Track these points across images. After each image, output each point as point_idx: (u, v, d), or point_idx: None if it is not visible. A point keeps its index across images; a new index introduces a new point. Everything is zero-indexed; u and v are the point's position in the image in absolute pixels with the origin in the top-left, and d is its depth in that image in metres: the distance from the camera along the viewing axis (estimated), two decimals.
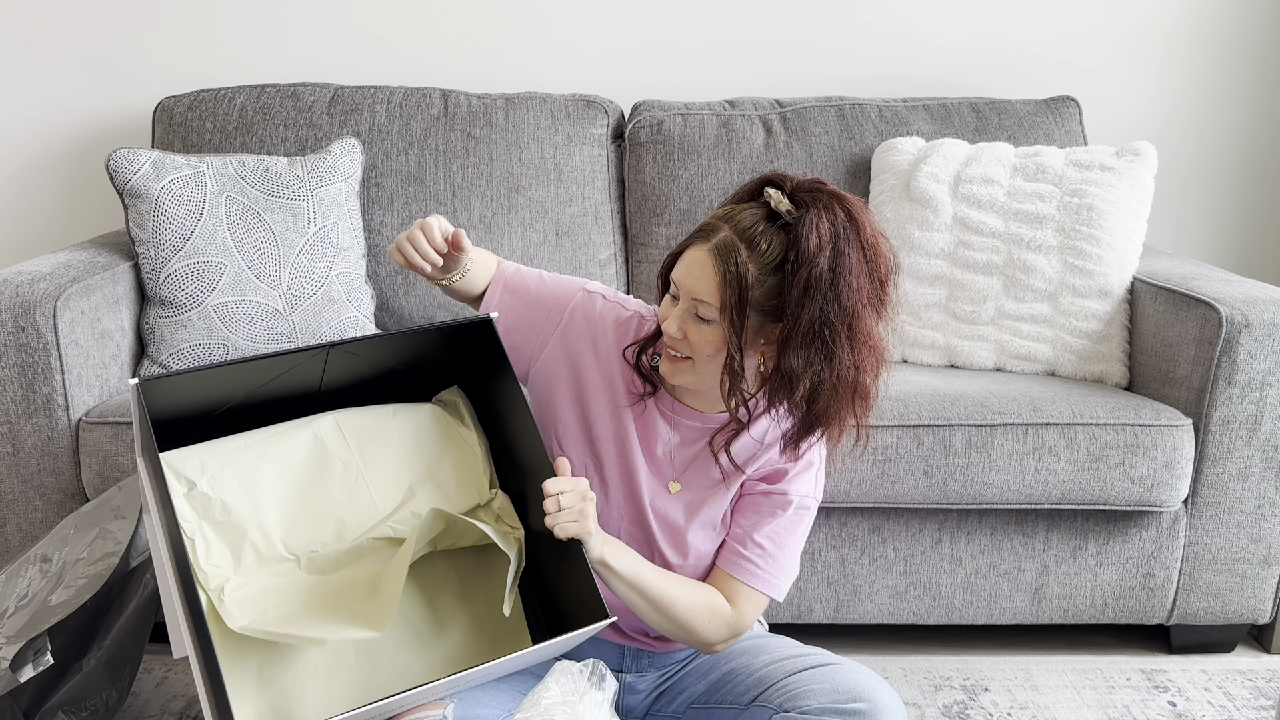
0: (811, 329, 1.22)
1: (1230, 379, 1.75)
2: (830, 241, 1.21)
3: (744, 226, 1.23)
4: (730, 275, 1.21)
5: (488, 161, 2.17)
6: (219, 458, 1.27)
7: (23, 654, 1.44)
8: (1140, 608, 1.86)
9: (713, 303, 1.23)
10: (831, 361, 1.24)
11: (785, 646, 1.40)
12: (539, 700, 1.21)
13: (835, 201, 1.23)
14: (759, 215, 1.24)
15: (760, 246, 1.22)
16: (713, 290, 1.23)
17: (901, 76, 2.44)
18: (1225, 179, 2.55)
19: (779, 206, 1.23)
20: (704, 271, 1.23)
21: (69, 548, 1.61)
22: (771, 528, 1.36)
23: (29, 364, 1.70)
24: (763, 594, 1.36)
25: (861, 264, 1.23)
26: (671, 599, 1.30)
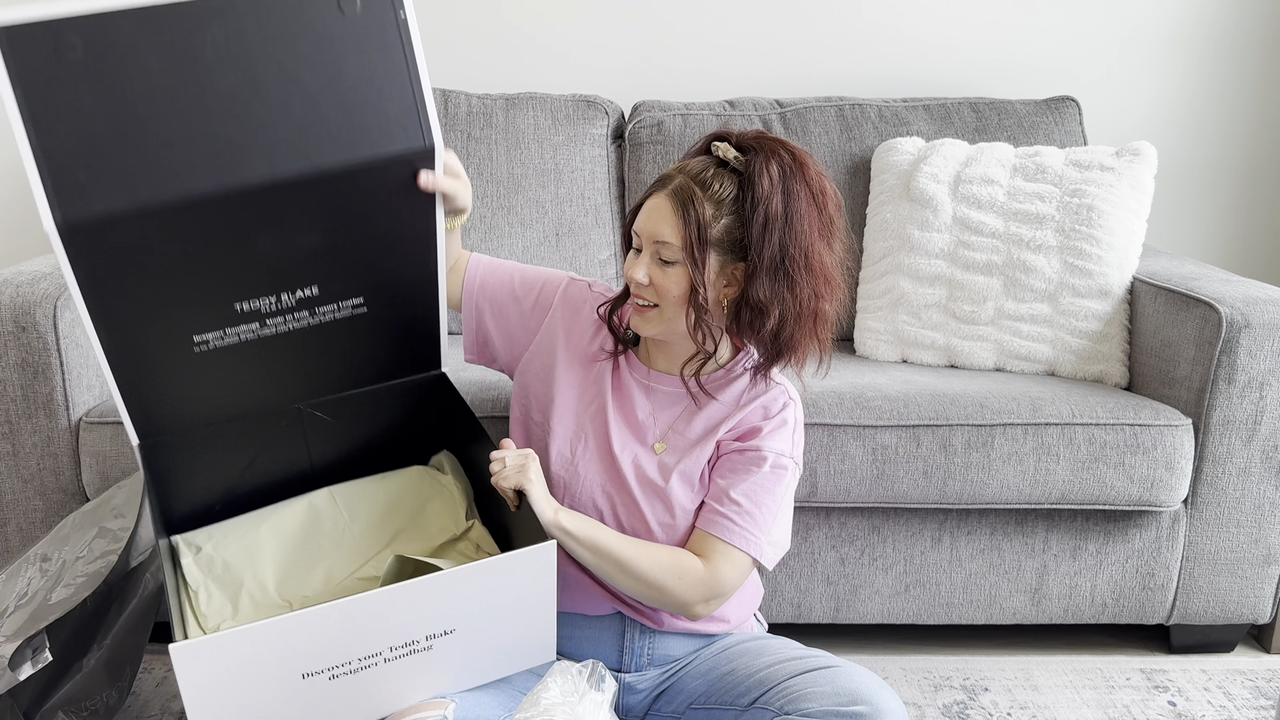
0: (774, 263, 1.30)
1: (1230, 379, 1.75)
2: (780, 180, 1.30)
3: (696, 172, 1.32)
4: (688, 213, 1.29)
5: (488, 162, 2.17)
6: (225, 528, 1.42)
7: (21, 652, 1.44)
8: (1140, 608, 1.86)
9: (674, 242, 1.30)
10: (794, 290, 1.31)
11: (786, 648, 1.40)
12: (538, 700, 1.21)
13: (779, 146, 1.32)
14: (709, 162, 1.33)
15: (714, 187, 1.30)
16: (673, 229, 1.30)
17: (901, 76, 2.44)
18: (1225, 179, 2.55)
19: (726, 156, 1.32)
20: (663, 214, 1.31)
21: (69, 547, 1.62)
22: (747, 485, 1.36)
23: (29, 364, 1.70)
24: (740, 550, 1.35)
25: (809, 199, 1.32)
26: (634, 558, 1.31)
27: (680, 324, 1.35)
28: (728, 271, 1.32)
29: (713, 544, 1.35)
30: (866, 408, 1.75)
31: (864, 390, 1.79)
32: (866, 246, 2.11)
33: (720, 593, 1.35)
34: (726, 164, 1.32)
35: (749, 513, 1.36)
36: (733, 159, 1.31)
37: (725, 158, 1.32)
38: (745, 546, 1.35)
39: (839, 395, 1.77)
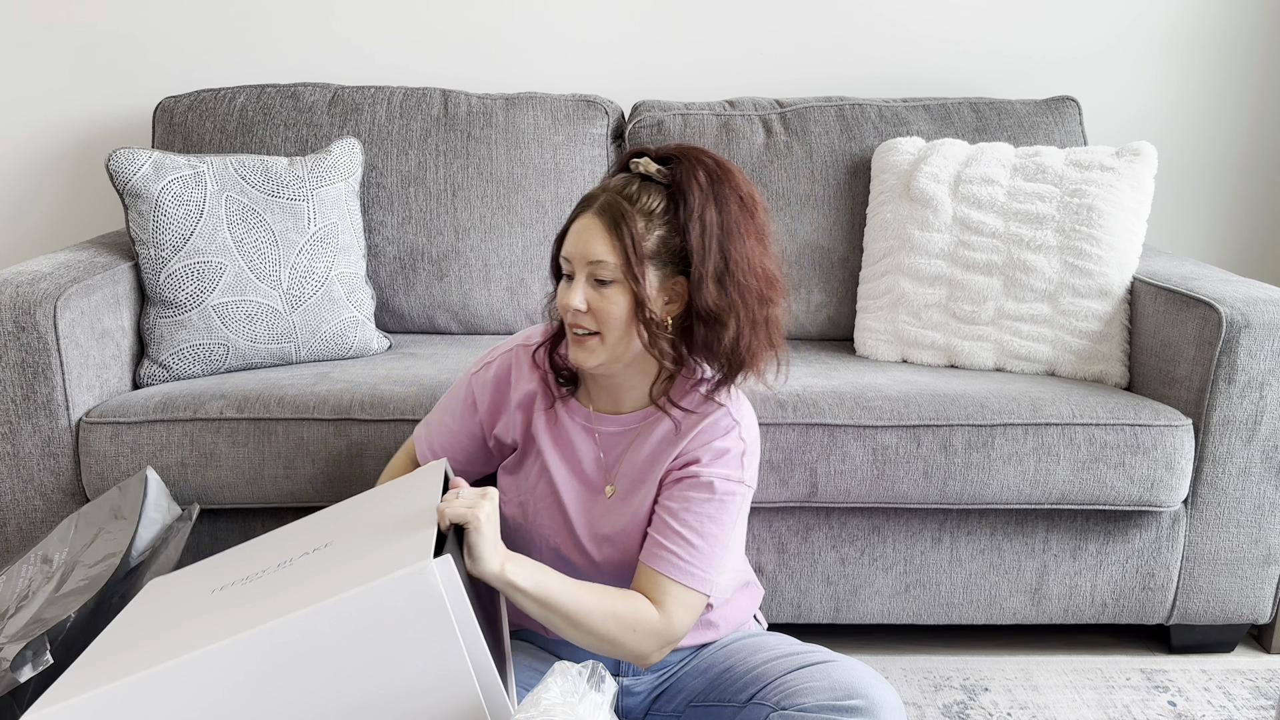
0: (719, 271, 1.27)
1: (1230, 379, 1.75)
2: (709, 187, 1.27)
3: (619, 187, 1.28)
4: (620, 228, 1.25)
5: (488, 161, 2.17)
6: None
7: (22, 655, 1.44)
8: (1140, 608, 1.86)
9: (609, 259, 1.25)
10: (745, 297, 1.28)
11: (782, 644, 1.39)
12: (538, 700, 1.21)
13: (703, 154, 1.29)
14: (632, 178, 1.29)
15: (642, 200, 1.27)
16: (606, 246, 1.25)
17: (901, 76, 2.44)
18: (1225, 179, 2.55)
19: (648, 170, 1.29)
20: (593, 232, 1.26)
21: (69, 548, 1.61)
22: (692, 515, 1.30)
23: (29, 364, 1.70)
24: (690, 589, 1.29)
25: (740, 204, 1.29)
26: (587, 612, 1.22)
27: (625, 349, 1.30)
28: (668, 286, 1.29)
29: (663, 584, 1.29)
30: (866, 408, 1.74)
31: (864, 390, 1.79)
32: (866, 246, 2.11)
33: (675, 639, 1.29)
34: (649, 178, 1.29)
35: (696, 548, 1.29)
36: (655, 172, 1.28)
37: (647, 172, 1.29)
38: (696, 585, 1.29)
39: (839, 395, 1.77)
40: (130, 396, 1.79)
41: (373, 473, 1.72)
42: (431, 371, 1.87)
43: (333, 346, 1.99)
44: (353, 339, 2.00)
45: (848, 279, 2.17)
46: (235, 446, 1.72)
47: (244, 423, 1.72)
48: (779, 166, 2.18)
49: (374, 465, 1.72)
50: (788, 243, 2.16)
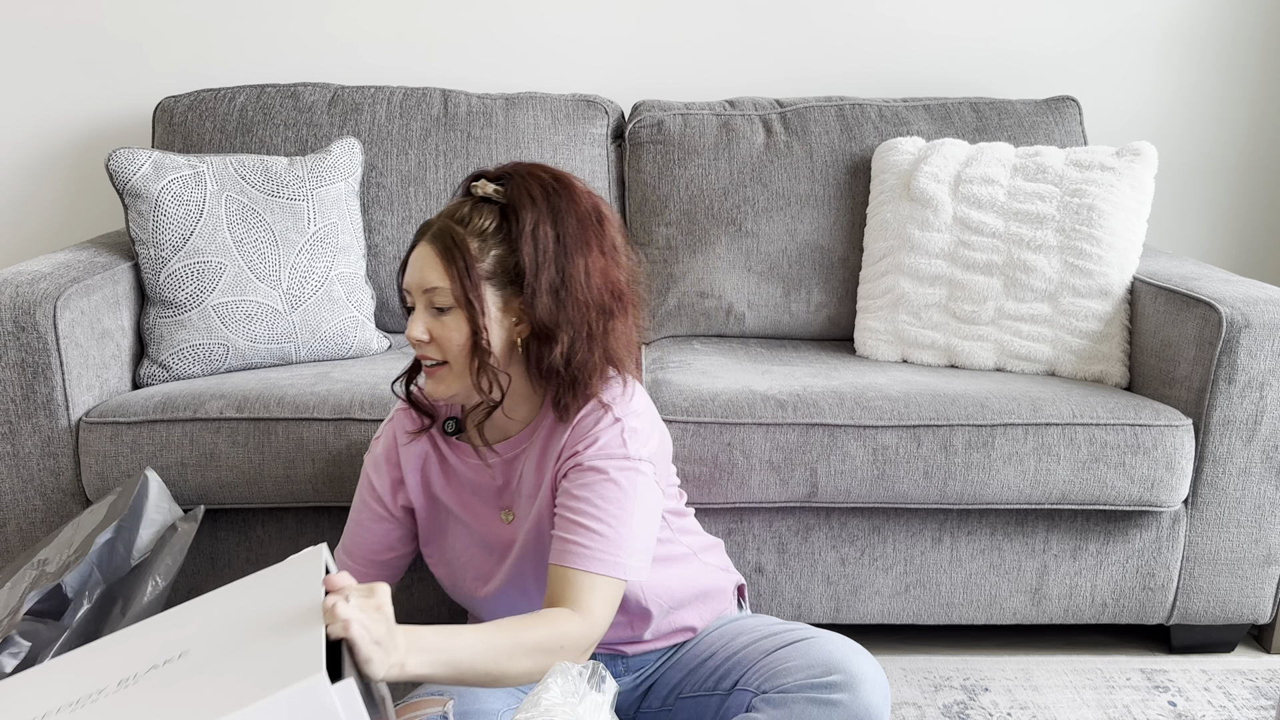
0: (553, 285, 1.25)
1: (1230, 379, 1.75)
2: (544, 200, 1.26)
3: (453, 211, 1.27)
4: (452, 253, 1.23)
5: (488, 161, 2.17)
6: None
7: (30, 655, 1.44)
8: (1140, 608, 1.86)
9: (443, 285, 1.24)
10: (581, 311, 1.26)
11: (762, 626, 1.38)
12: (539, 700, 1.21)
13: (538, 169, 1.29)
14: (467, 201, 1.29)
15: (474, 221, 1.25)
16: (440, 272, 1.24)
17: (901, 76, 2.44)
18: (1225, 179, 2.55)
19: (485, 191, 1.27)
20: (427, 260, 1.25)
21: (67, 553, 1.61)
22: (587, 504, 1.26)
23: (29, 364, 1.70)
24: (603, 576, 1.23)
25: (580, 217, 1.27)
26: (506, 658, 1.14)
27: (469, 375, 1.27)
28: (513, 307, 1.26)
29: (575, 580, 1.23)
30: (866, 408, 1.74)
31: (864, 390, 1.79)
32: (866, 246, 2.11)
33: (599, 635, 1.24)
34: (488, 199, 1.27)
35: (600, 534, 1.24)
36: (492, 192, 1.27)
37: (485, 193, 1.27)
38: (609, 571, 1.24)
39: (839, 395, 1.77)
40: (130, 396, 1.79)
41: None
42: None
43: (333, 346, 1.99)
44: (353, 339, 2.00)
45: (848, 279, 2.17)
46: (235, 446, 1.72)
47: (244, 423, 1.72)
48: (779, 166, 2.18)
49: None
50: (788, 242, 2.16)
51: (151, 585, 1.56)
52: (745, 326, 2.19)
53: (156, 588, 1.56)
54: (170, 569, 1.58)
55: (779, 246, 2.16)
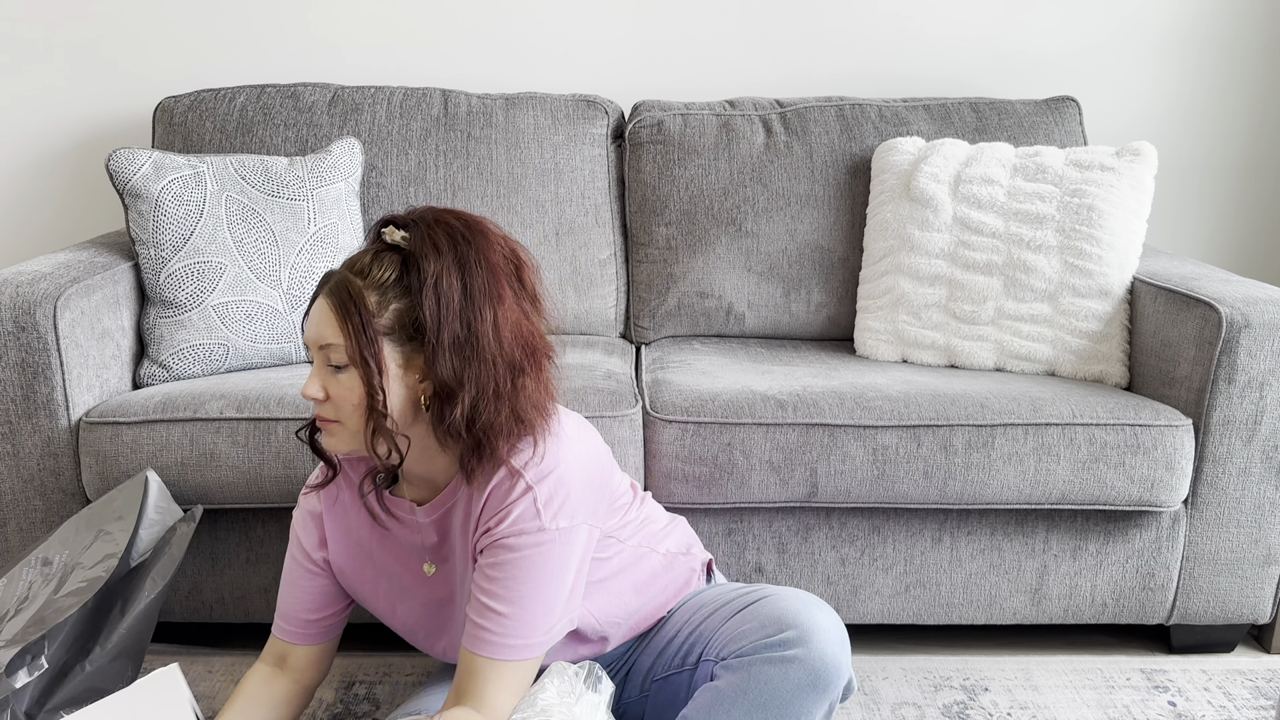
0: (457, 340, 1.16)
1: (1230, 379, 1.75)
2: (450, 248, 1.17)
3: (355, 261, 1.20)
4: (347, 308, 1.16)
5: (488, 161, 2.17)
6: None
7: (19, 658, 1.44)
8: (1140, 608, 1.86)
9: (338, 342, 1.16)
10: (487, 367, 1.18)
11: (723, 594, 1.37)
12: (535, 700, 1.21)
13: (448, 215, 1.20)
14: (373, 249, 1.21)
15: (374, 272, 1.17)
16: (334, 328, 1.17)
17: (901, 76, 2.44)
18: (1225, 179, 2.55)
19: (392, 237, 1.19)
20: (323, 315, 1.18)
21: (69, 550, 1.62)
22: (498, 585, 1.21)
23: (29, 364, 1.70)
24: (511, 663, 1.21)
25: (490, 265, 1.19)
26: None
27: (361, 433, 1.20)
28: (415, 364, 1.19)
29: (481, 667, 1.21)
30: (866, 408, 1.74)
31: (864, 390, 1.79)
32: (866, 246, 2.11)
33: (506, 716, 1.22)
34: (396, 246, 1.19)
35: (508, 617, 1.21)
36: (399, 239, 1.18)
37: (391, 240, 1.19)
38: (516, 657, 1.21)
39: (839, 395, 1.77)
40: (130, 396, 1.79)
41: None
42: None
43: None
44: None
45: (848, 279, 2.17)
46: (235, 446, 1.72)
47: (244, 423, 1.72)
48: (779, 166, 2.18)
49: None
50: (788, 242, 2.16)
51: (150, 585, 1.56)
52: (745, 326, 2.19)
53: (156, 588, 1.56)
54: (169, 569, 1.58)
55: (779, 246, 2.16)
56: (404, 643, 1.91)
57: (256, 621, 1.86)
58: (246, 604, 1.84)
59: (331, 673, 1.81)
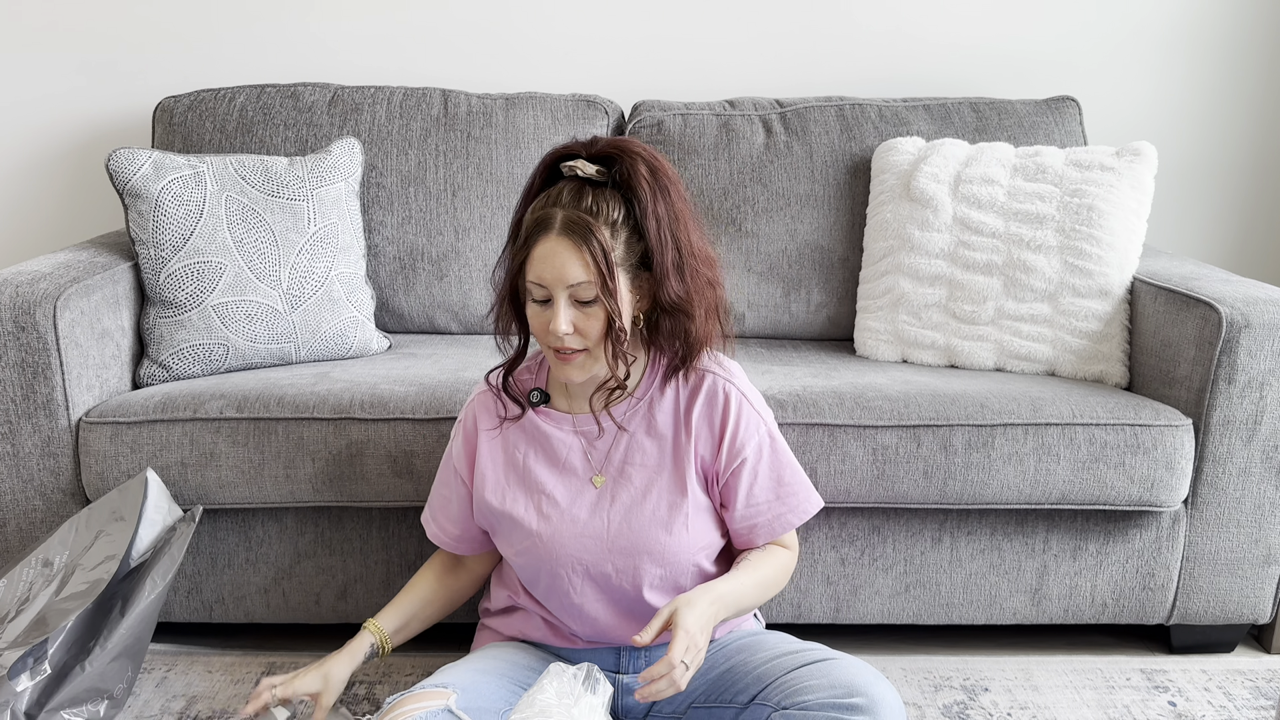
0: (676, 263, 1.29)
1: (1230, 379, 1.75)
2: (652, 179, 1.28)
3: (572, 201, 1.26)
4: (591, 246, 1.24)
5: (488, 161, 2.17)
6: None
7: (21, 663, 1.44)
8: (1140, 608, 1.86)
9: (589, 279, 1.25)
10: (698, 283, 1.32)
11: (782, 643, 1.40)
12: (534, 701, 1.21)
13: (634, 146, 1.30)
14: (577, 186, 1.28)
15: (602, 210, 1.26)
16: (582, 267, 1.25)
17: (901, 76, 2.44)
18: (1225, 179, 2.55)
19: (586, 172, 1.27)
20: (567, 254, 1.25)
21: (69, 551, 1.62)
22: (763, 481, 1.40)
23: (29, 364, 1.70)
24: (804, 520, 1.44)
25: (676, 190, 1.31)
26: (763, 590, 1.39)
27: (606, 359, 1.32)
28: (637, 287, 1.31)
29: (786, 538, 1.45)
30: (866, 408, 1.74)
31: (864, 390, 1.79)
32: (866, 246, 2.11)
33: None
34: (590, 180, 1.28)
35: (784, 497, 1.41)
36: (594, 173, 1.27)
37: (585, 174, 1.27)
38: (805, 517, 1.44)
39: (839, 395, 1.77)
40: (130, 396, 1.79)
41: (373, 472, 1.72)
42: (431, 371, 1.87)
43: (333, 346, 1.99)
44: (353, 339, 2.00)
45: (848, 279, 2.17)
46: (235, 446, 1.72)
47: (244, 423, 1.72)
48: (779, 166, 2.18)
49: (373, 465, 1.72)
50: (788, 242, 2.16)
51: (150, 585, 1.56)
52: (745, 326, 2.19)
53: (156, 588, 1.56)
54: (169, 569, 1.58)
55: (779, 246, 2.16)
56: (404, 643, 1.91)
57: (256, 621, 1.86)
58: (246, 604, 1.84)
59: None
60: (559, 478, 1.40)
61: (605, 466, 1.40)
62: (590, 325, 1.28)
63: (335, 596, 1.84)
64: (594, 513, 1.39)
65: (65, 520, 1.71)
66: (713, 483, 1.41)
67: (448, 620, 1.83)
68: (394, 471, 1.72)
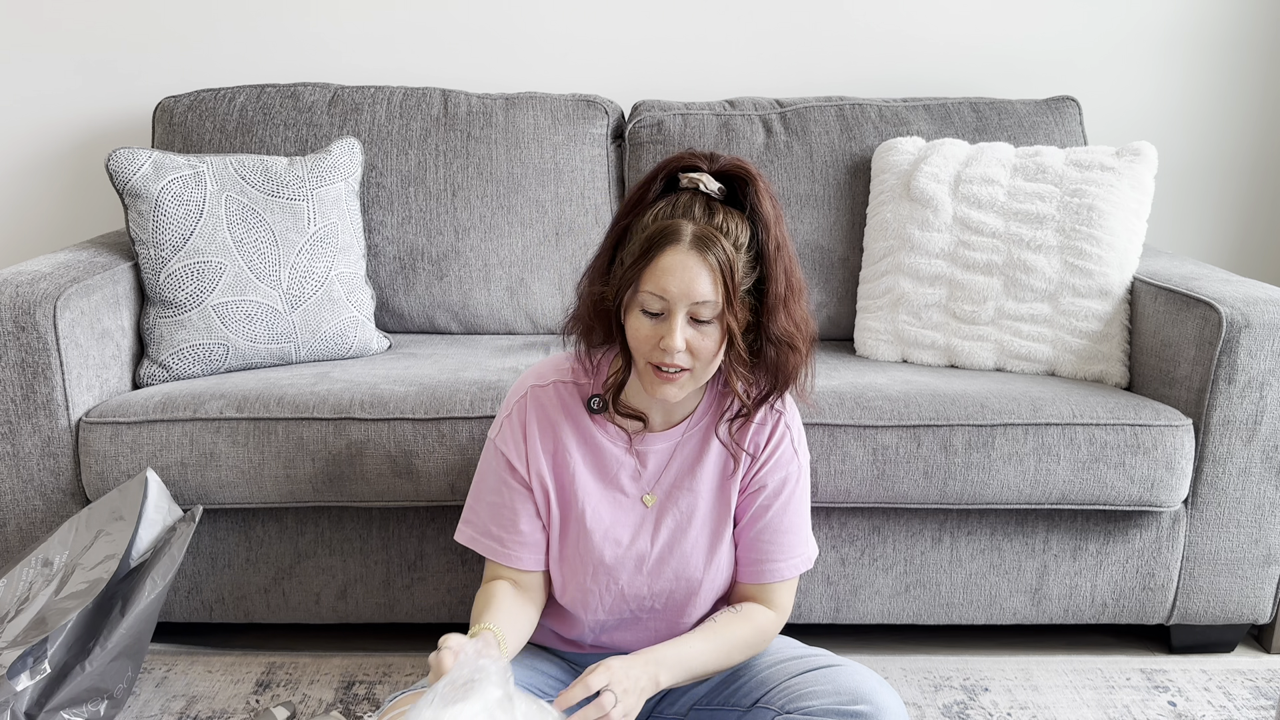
0: (785, 294, 1.26)
1: (1230, 379, 1.75)
2: (773, 209, 1.25)
3: (702, 216, 1.22)
4: (722, 265, 1.20)
5: (488, 161, 2.17)
6: None
7: (20, 662, 1.44)
8: (1140, 608, 1.86)
9: (714, 299, 1.21)
10: (797, 314, 1.28)
11: (787, 648, 1.40)
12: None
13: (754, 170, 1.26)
14: (702, 201, 1.23)
15: (730, 230, 1.22)
16: (710, 286, 1.20)
17: (901, 76, 2.44)
18: (1225, 179, 2.55)
19: (709, 188, 1.23)
20: (698, 272, 1.20)
21: (69, 551, 1.62)
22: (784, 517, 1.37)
23: (29, 364, 1.70)
24: (796, 577, 1.39)
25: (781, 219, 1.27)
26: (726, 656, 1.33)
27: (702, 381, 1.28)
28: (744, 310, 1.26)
29: (775, 588, 1.38)
30: (866, 408, 1.74)
31: (864, 390, 1.79)
32: (866, 246, 2.11)
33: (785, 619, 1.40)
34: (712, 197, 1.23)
35: (789, 543, 1.37)
36: (716, 190, 1.23)
37: (708, 190, 1.23)
38: (798, 571, 1.39)
39: (839, 395, 1.77)
40: (130, 396, 1.79)
41: (373, 472, 1.72)
42: (431, 371, 1.87)
43: (333, 346, 1.99)
44: (352, 339, 2.00)
45: (848, 279, 2.17)
46: (235, 446, 1.72)
47: (244, 423, 1.72)
48: (779, 166, 2.18)
49: (373, 465, 1.72)
50: None
51: (150, 585, 1.56)
52: None
53: (156, 588, 1.56)
54: (169, 569, 1.58)
55: None
56: (404, 643, 1.91)
57: (256, 622, 1.86)
58: (246, 604, 1.84)
59: (331, 673, 1.81)
60: (605, 492, 1.36)
61: (655, 486, 1.36)
62: (703, 345, 1.23)
63: (335, 596, 1.84)
64: (638, 533, 1.36)
65: (65, 520, 1.71)
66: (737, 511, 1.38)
67: (448, 620, 1.84)
68: (394, 471, 1.72)
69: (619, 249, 1.26)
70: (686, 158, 1.25)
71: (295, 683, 1.78)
